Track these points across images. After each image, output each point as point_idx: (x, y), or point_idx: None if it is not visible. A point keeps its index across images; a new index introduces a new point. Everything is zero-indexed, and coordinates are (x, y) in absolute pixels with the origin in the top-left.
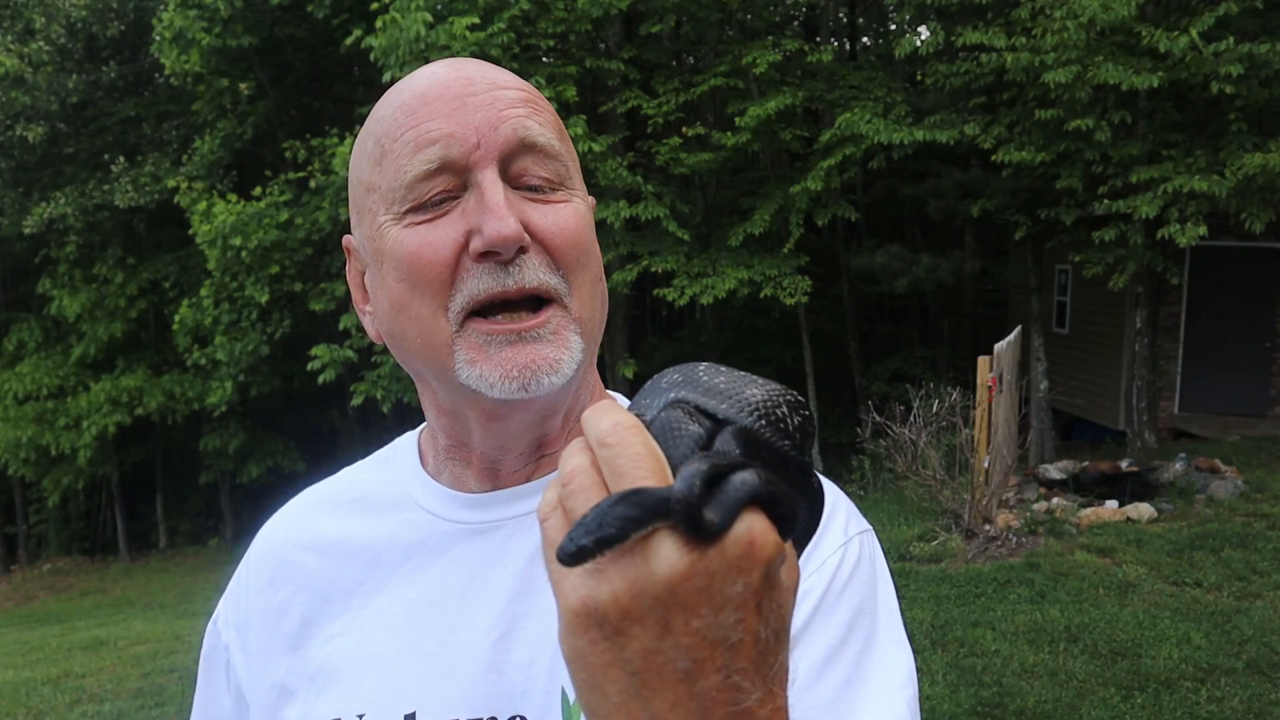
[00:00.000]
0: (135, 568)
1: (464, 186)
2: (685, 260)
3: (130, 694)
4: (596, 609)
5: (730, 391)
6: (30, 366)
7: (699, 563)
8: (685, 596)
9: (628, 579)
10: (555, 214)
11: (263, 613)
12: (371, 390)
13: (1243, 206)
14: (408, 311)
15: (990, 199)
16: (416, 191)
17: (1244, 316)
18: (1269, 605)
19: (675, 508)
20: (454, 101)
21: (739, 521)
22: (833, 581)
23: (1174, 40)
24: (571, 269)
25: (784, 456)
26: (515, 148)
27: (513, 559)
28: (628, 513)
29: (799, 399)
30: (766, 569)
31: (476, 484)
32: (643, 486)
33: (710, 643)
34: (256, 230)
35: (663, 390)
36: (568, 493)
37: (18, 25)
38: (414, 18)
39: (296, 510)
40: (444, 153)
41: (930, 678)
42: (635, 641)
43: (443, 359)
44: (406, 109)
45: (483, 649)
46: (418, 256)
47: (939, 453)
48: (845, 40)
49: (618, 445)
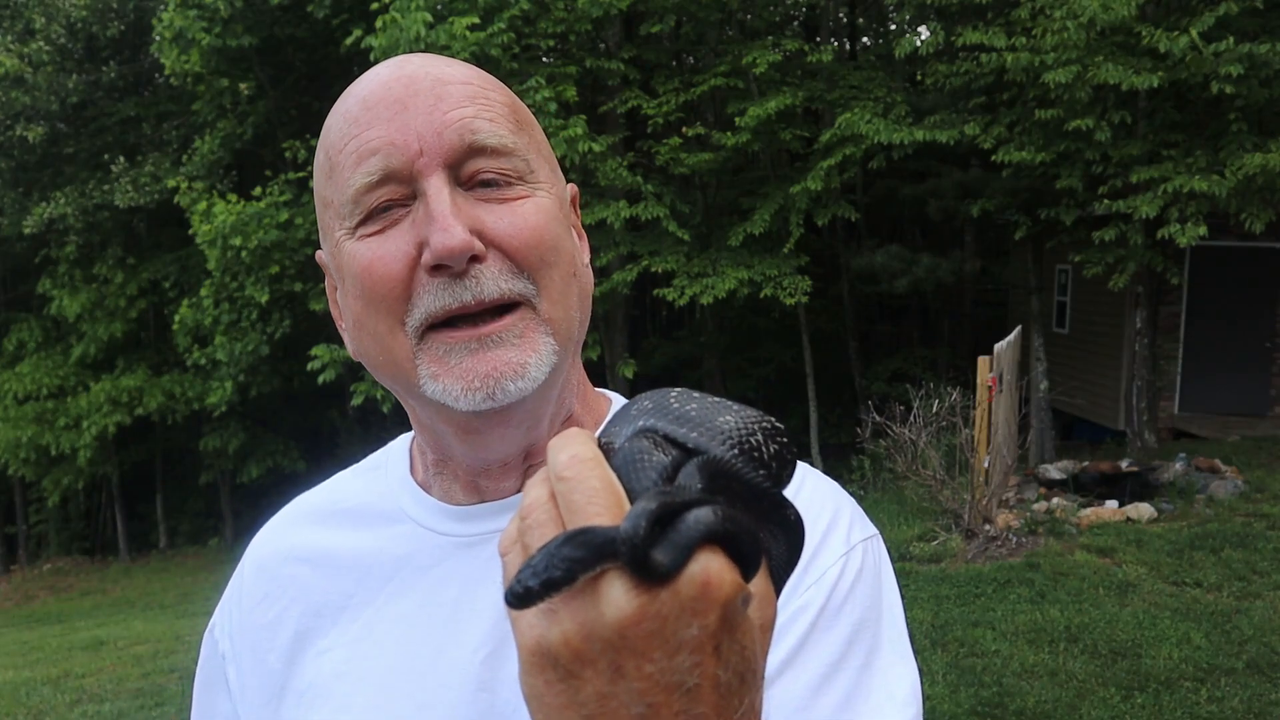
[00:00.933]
0: (135, 568)
1: (413, 195)
2: (685, 260)
3: (130, 694)
4: (549, 650)
5: (701, 419)
6: (30, 366)
7: (649, 605)
8: (636, 640)
9: (578, 621)
10: (512, 214)
11: (257, 628)
12: (371, 390)
13: (1243, 206)
14: (367, 328)
15: (990, 199)
16: (362, 204)
17: (1244, 316)
18: (1269, 605)
19: (621, 549)
20: (395, 106)
21: (693, 561)
22: (832, 594)
23: (1174, 40)
24: (537, 269)
25: (755, 489)
26: (462, 152)
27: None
28: (574, 554)
29: (776, 426)
30: (724, 610)
31: (464, 495)
32: (591, 525)
33: (664, 687)
34: (256, 230)
35: (632, 418)
36: (524, 527)
37: (18, 25)
38: (414, 18)
39: (287, 521)
40: (385, 163)
41: (930, 678)
42: (588, 685)
43: (406, 375)
44: (349, 117)
45: (472, 667)
46: (369, 271)
47: (939, 453)
48: (845, 40)
49: (573, 479)
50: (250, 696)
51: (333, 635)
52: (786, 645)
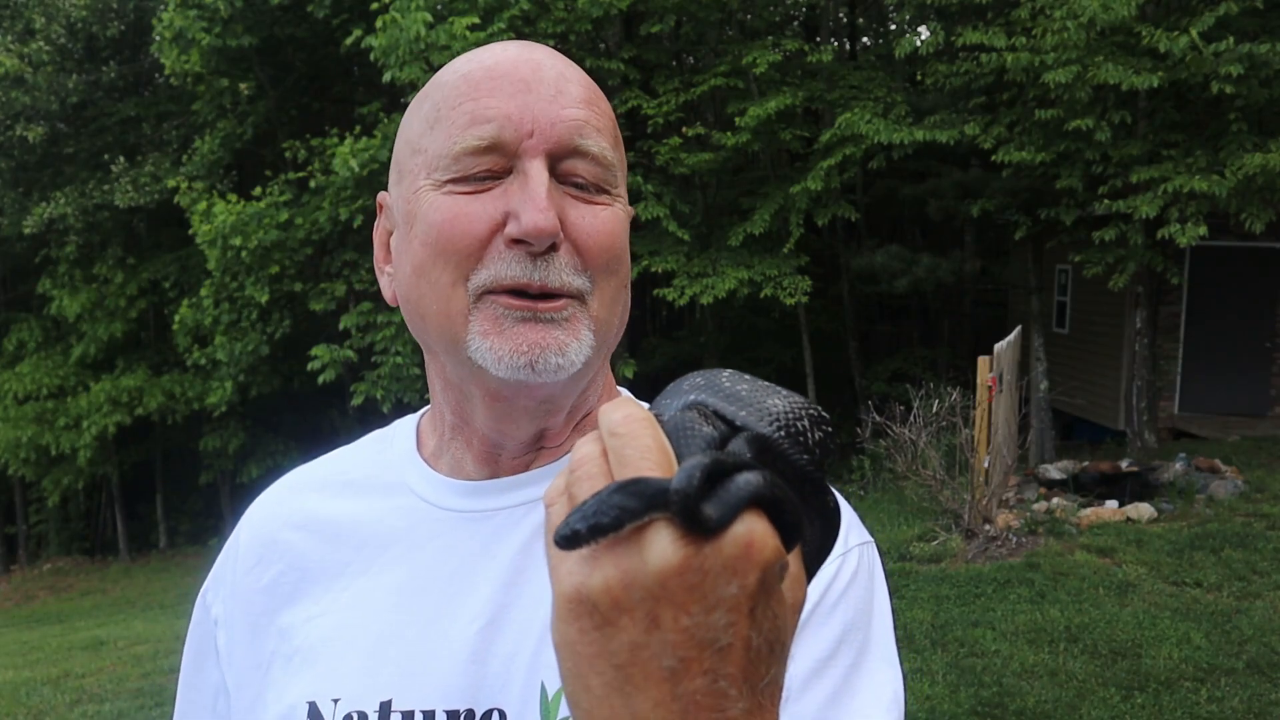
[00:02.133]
0: (135, 568)
1: (509, 170)
2: (685, 260)
3: (130, 694)
4: (588, 596)
5: (751, 399)
6: (30, 366)
7: (693, 558)
8: (676, 591)
9: (620, 568)
10: (594, 215)
11: (250, 592)
12: (371, 390)
13: (1243, 206)
14: (428, 277)
15: (990, 199)
16: (462, 164)
17: (1244, 316)
18: (1269, 605)
19: (673, 499)
20: (519, 84)
21: (738, 521)
22: (826, 593)
23: (1174, 40)
24: (599, 272)
25: (799, 470)
26: (567, 149)
27: (503, 549)
28: (625, 502)
29: (822, 414)
30: (764, 573)
31: (475, 468)
32: (644, 476)
33: (698, 643)
34: (256, 230)
35: (683, 392)
36: (574, 479)
37: (18, 25)
38: (414, 18)
39: (287, 488)
40: (498, 132)
41: (930, 678)
42: (623, 634)
43: (456, 329)
44: (471, 80)
45: (465, 639)
46: (451, 224)
47: (939, 453)
48: (845, 40)
49: (626, 435)
50: (240, 660)
51: (324, 601)
52: None
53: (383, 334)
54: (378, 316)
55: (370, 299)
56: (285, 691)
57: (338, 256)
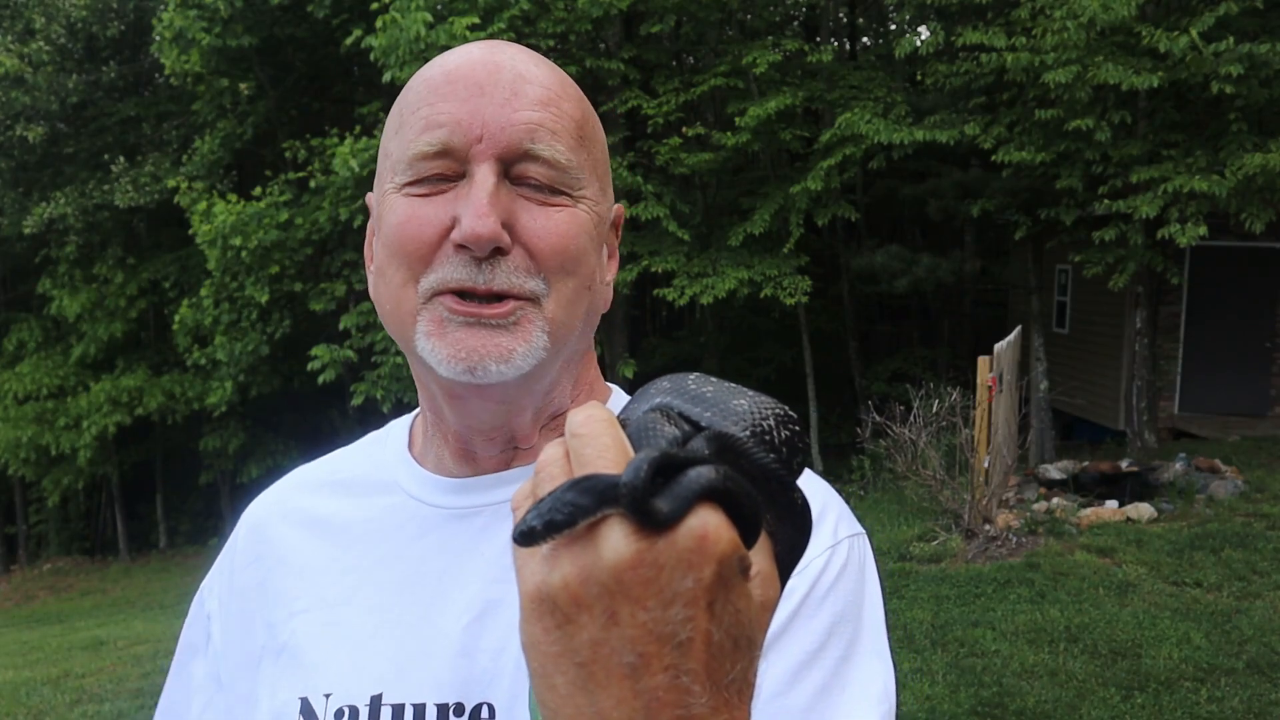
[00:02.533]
0: (135, 568)
1: (462, 174)
2: (685, 260)
3: (130, 694)
4: (549, 594)
5: (716, 400)
6: (30, 366)
7: (646, 552)
8: (632, 586)
9: (578, 565)
10: (547, 218)
11: (245, 588)
12: (371, 390)
13: (1243, 206)
14: (384, 276)
15: (990, 199)
16: (416, 168)
17: (1244, 316)
18: (1269, 605)
19: (622, 492)
20: (473, 88)
21: (692, 515)
22: (815, 585)
23: (1174, 40)
24: (554, 274)
25: (763, 469)
26: (517, 153)
27: (489, 546)
28: (577, 499)
29: (789, 414)
30: (720, 566)
31: (454, 464)
32: (595, 473)
33: (657, 638)
34: (256, 230)
35: (649, 396)
36: (538, 480)
37: (18, 25)
38: (414, 18)
39: (284, 488)
40: (448, 137)
41: (930, 678)
42: (583, 631)
43: (406, 328)
44: (430, 84)
45: (454, 634)
46: (403, 228)
47: (939, 453)
48: (845, 40)
49: (586, 435)
50: (234, 656)
51: (314, 598)
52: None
53: (383, 334)
54: (377, 316)
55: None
56: (277, 688)
57: (338, 256)
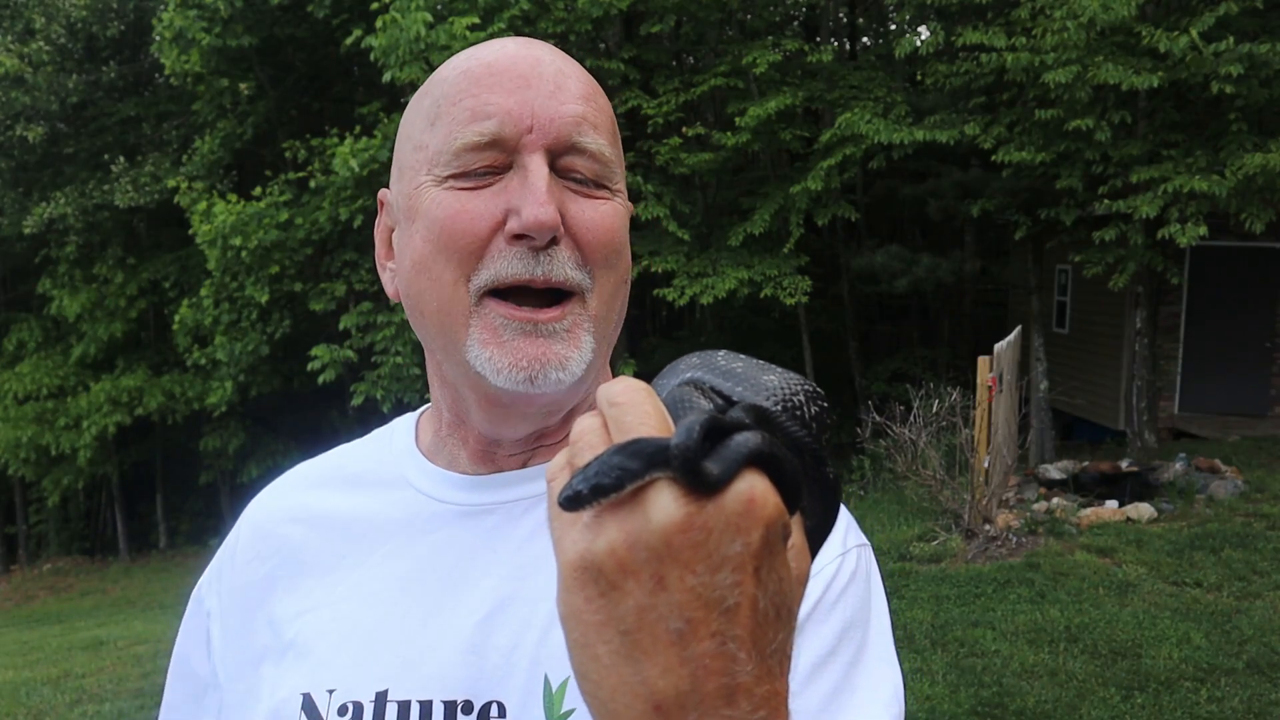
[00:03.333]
0: (135, 568)
1: (509, 165)
2: (685, 260)
3: (130, 694)
4: (593, 561)
5: (747, 376)
6: (30, 366)
7: (696, 516)
8: (681, 550)
9: (624, 530)
10: (594, 210)
11: (246, 585)
12: (371, 390)
13: (1243, 206)
14: (429, 273)
15: (990, 199)
16: (463, 159)
17: (1244, 316)
18: (1269, 605)
19: (674, 454)
20: (518, 80)
21: (739, 479)
22: (827, 590)
23: (1174, 40)
24: (599, 266)
25: (797, 442)
26: (566, 144)
27: (503, 543)
28: (625, 462)
29: (818, 390)
30: (767, 531)
31: (471, 465)
32: (643, 436)
33: (705, 603)
34: (256, 230)
35: (680, 371)
36: (575, 450)
37: (18, 25)
38: (414, 18)
39: (287, 484)
40: (498, 128)
41: (930, 678)
42: (629, 598)
43: (455, 331)
44: (471, 76)
45: (464, 630)
46: (453, 221)
47: (939, 453)
48: (845, 40)
49: (626, 404)
50: (233, 654)
51: (319, 594)
52: None
53: (383, 334)
54: (378, 316)
55: (370, 299)
56: (279, 684)
57: (338, 256)
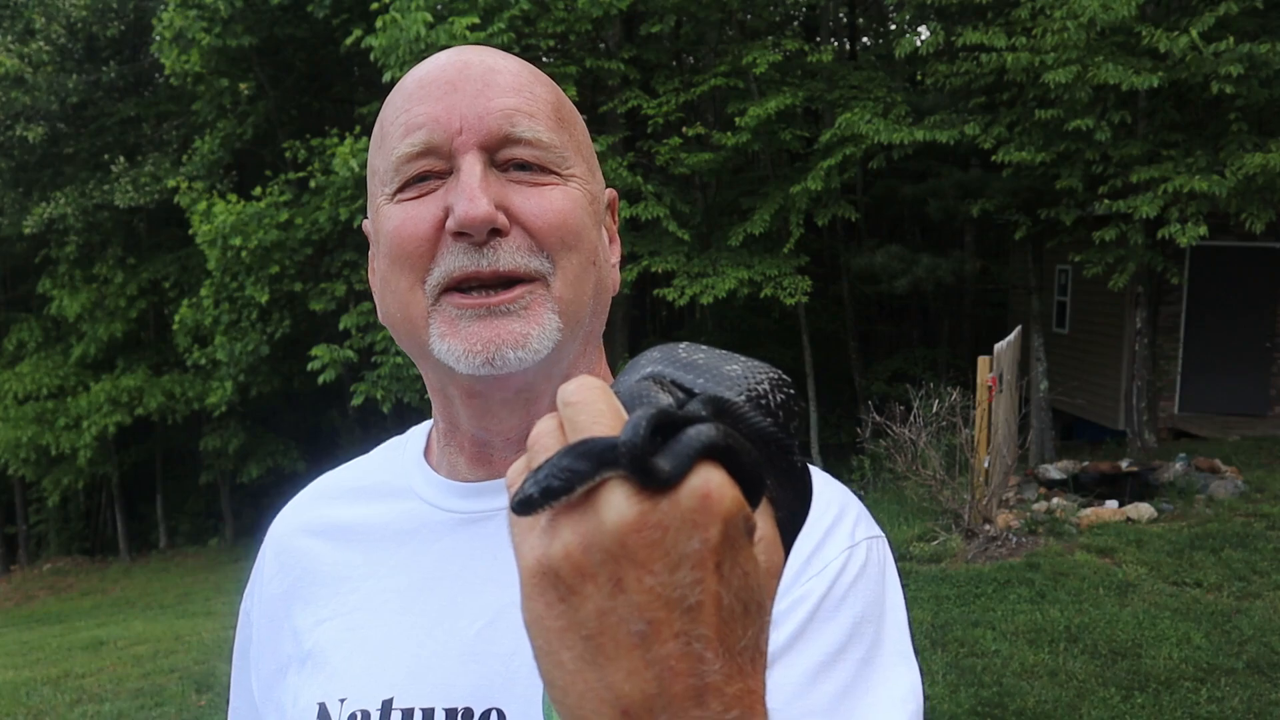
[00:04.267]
0: (135, 568)
1: (450, 169)
2: (685, 260)
3: (130, 694)
4: (550, 566)
5: (709, 366)
6: (30, 366)
7: (650, 513)
8: (637, 550)
9: (578, 532)
10: (540, 197)
11: (271, 599)
12: (371, 390)
13: (1243, 206)
14: (390, 286)
15: (990, 199)
16: (402, 172)
17: (1244, 316)
18: (1269, 605)
19: (621, 451)
20: (445, 87)
21: (694, 473)
22: (834, 585)
23: (1174, 40)
24: (556, 251)
25: (759, 431)
26: (499, 139)
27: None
28: (573, 464)
29: (783, 378)
30: (726, 525)
31: (469, 470)
32: (591, 436)
33: (666, 602)
34: (256, 230)
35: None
36: (532, 453)
37: (18, 25)
38: (414, 18)
39: (306, 498)
40: (428, 136)
41: (930, 678)
42: (589, 601)
43: (419, 333)
44: (405, 94)
45: (465, 638)
46: (399, 231)
47: (939, 453)
48: (845, 40)
49: (579, 403)
50: (266, 666)
51: (333, 605)
52: (786, 632)
53: (383, 334)
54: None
55: (370, 299)
56: (299, 694)
57: (338, 256)
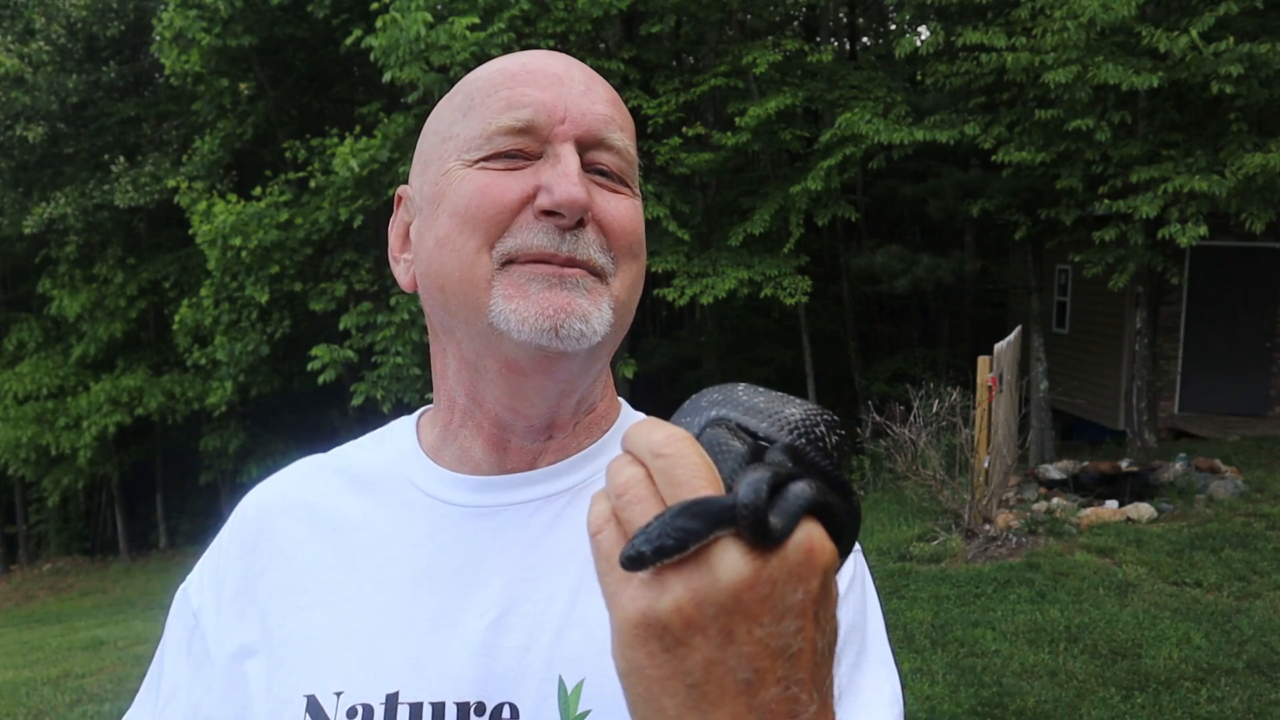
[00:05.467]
0: (135, 568)
1: (540, 154)
2: (685, 260)
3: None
4: (658, 620)
5: (770, 410)
6: (30, 366)
7: (763, 570)
8: (749, 604)
9: (691, 588)
10: (619, 202)
11: (241, 578)
12: (371, 390)
13: (1243, 206)
14: (451, 245)
15: (990, 199)
16: (495, 143)
17: (1244, 316)
18: (1269, 605)
19: (742, 514)
20: (552, 78)
21: (799, 529)
22: None
23: (1174, 40)
24: (622, 254)
25: (827, 475)
26: (596, 139)
27: (512, 544)
28: (688, 524)
29: (835, 419)
30: (824, 577)
31: (484, 454)
32: (706, 496)
33: (771, 652)
34: (256, 230)
35: (702, 409)
36: (623, 504)
37: (18, 25)
38: (414, 18)
39: (284, 480)
40: (533, 116)
41: (930, 678)
42: (697, 652)
43: (478, 295)
44: (507, 73)
45: (475, 632)
46: (483, 193)
47: (939, 453)
48: (845, 40)
49: (674, 455)
50: (223, 648)
51: (316, 593)
52: None
53: (383, 334)
54: (378, 316)
55: (370, 299)
56: (274, 684)
57: (338, 256)
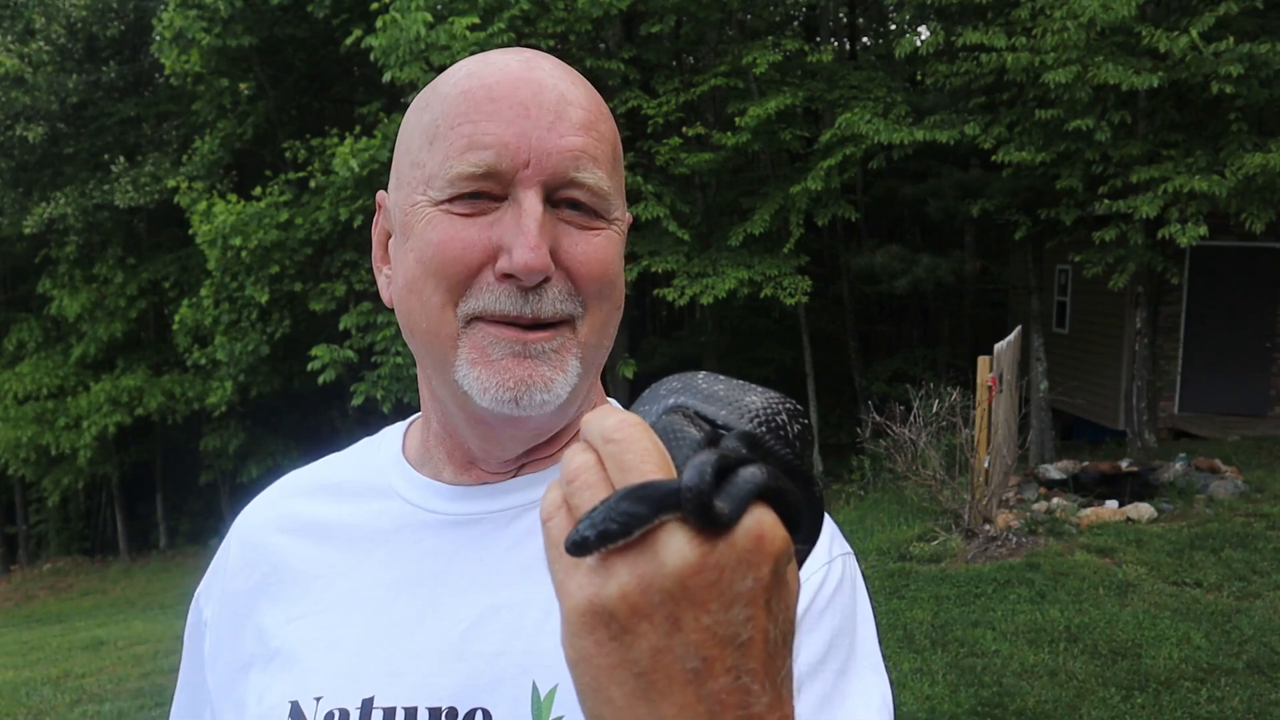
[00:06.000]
0: (135, 568)
1: (505, 195)
2: (685, 260)
3: (130, 694)
4: (604, 606)
5: (729, 398)
6: (30, 366)
7: (709, 555)
8: (696, 590)
9: (636, 574)
10: (588, 243)
11: (235, 594)
12: (371, 390)
13: (1243, 206)
14: (419, 294)
15: (990, 199)
16: (457, 187)
17: (1244, 316)
18: (1269, 605)
19: (686, 497)
20: (518, 108)
21: (748, 514)
22: (815, 599)
23: (1174, 40)
24: (591, 298)
25: (786, 464)
26: (563, 180)
27: (489, 552)
28: (632, 508)
29: (797, 407)
30: (775, 564)
31: (453, 476)
32: (651, 480)
33: (720, 640)
34: (256, 230)
35: (661, 397)
36: (572, 490)
37: (18, 25)
38: (414, 18)
39: (275, 494)
40: (494, 160)
41: (930, 678)
42: (643, 640)
43: (445, 352)
44: (470, 98)
45: (450, 638)
46: (444, 248)
47: (939, 453)
48: (845, 40)
49: (625, 440)
50: (223, 663)
51: (305, 603)
52: None
53: (383, 334)
54: (378, 316)
55: (370, 299)
56: (266, 693)
57: (338, 256)
